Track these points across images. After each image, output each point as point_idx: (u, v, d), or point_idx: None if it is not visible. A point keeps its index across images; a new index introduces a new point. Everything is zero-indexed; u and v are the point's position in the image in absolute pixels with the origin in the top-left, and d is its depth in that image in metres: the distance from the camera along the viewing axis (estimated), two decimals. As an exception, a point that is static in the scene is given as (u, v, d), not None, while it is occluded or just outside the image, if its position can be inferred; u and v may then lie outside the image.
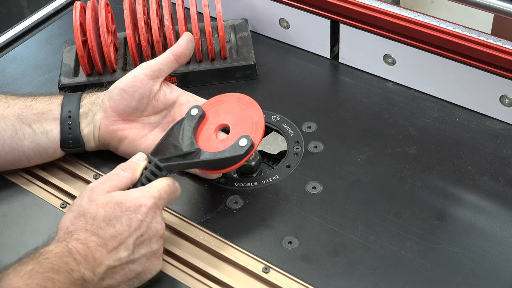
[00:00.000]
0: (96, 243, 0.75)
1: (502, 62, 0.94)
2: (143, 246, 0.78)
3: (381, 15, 1.02)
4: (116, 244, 0.76)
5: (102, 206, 0.77)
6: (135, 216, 0.77)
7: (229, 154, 0.84)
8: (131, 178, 0.82)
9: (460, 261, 0.82)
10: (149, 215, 0.78)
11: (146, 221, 0.78)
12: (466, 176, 0.91)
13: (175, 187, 0.83)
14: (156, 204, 0.79)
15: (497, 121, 0.99)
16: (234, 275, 0.83)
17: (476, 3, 0.95)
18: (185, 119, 0.88)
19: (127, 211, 0.77)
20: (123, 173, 0.81)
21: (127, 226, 0.77)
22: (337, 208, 0.88)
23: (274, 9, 1.13)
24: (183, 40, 0.93)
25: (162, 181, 0.82)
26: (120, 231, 0.77)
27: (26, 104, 0.91)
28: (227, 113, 0.90)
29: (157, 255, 0.80)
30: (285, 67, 1.11)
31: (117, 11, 1.18)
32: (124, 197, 0.78)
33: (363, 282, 0.80)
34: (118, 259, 0.76)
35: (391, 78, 1.07)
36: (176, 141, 0.86)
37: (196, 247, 0.86)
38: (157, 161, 0.83)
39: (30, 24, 1.22)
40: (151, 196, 0.79)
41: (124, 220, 0.77)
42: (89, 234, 0.76)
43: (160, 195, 0.80)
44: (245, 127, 0.88)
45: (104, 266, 0.75)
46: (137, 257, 0.78)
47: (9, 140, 0.89)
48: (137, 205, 0.78)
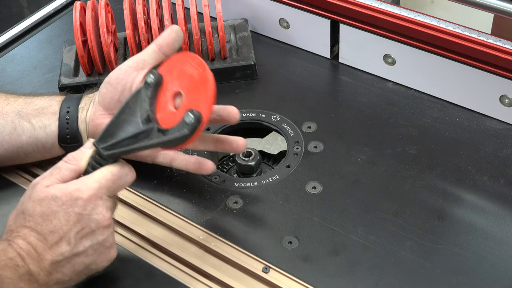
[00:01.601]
0: (36, 239, 0.74)
1: (502, 62, 0.94)
2: (86, 238, 0.76)
3: (381, 15, 1.02)
4: (56, 239, 0.75)
5: (39, 202, 0.76)
6: (72, 209, 0.75)
7: (178, 133, 0.75)
8: (74, 170, 0.78)
9: (460, 261, 0.82)
10: (87, 207, 0.76)
11: (84, 214, 0.76)
12: (466, 176, 0.91)
13: (121, 173, 0.79)
14: (96, 195, 0.76)
15: (497, 121, 0.99)
16: (234, 275, 0.83)
17: (476, 3, 0.95)
18: (142, 89, 0.80)
19: (63, 205, 0.75)
20: (65, 165, 0.78)
21: (65, 220, 0.75)
22: (337, 208, 0.88)
23: (274, 9, 1.13)
24: (166, 31, 0.90)
25: (105, 169, 0.78)
26: (58, 226, 0.75)
27: (27, 101, 0.92)
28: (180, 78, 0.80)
29: (106, 245, 0.78)
30: (285, 67, 1.11)
31: (117, 11, 1.18)
32: (60, 191, 0.76)
33: (363, 282, 0.80)
34: (61, 253, 0.75)
35: (391, 78, 1.07)
36: (132, 116, 0.78)
37: (196, 247, 0.86)
38: (100, 148, 0.78)
39: (30, 24, 1.22)
40: (89, 187, 0.76)
41: (62, 215, 0.75)
42: (28, 230, 0.75)
43: (100, 185, 0.77)
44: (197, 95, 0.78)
45: (48, 261, 0.74)
46: (82, 250, 0.76)
47: (8, 137, 0.90)
48: (73, 198, 0.76)
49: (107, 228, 0.78)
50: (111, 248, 0.79)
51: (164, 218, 0.88)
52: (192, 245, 0.86)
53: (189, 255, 0.84)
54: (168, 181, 0.93)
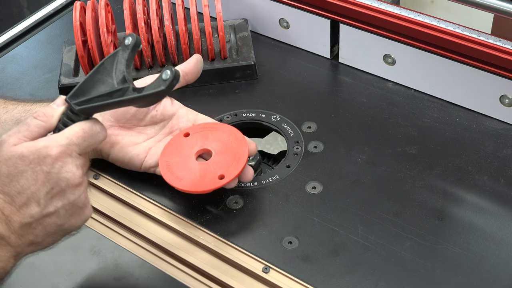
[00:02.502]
0: (4, 200, 0.72)
1: (502, 62, 0.94)
2: (57, 198, 0.73)
3: (381, 15, 1.02)
4: (24, 199, 0.72)
5: (5, 161, 0.72)
6: (40, 168, 0.72)
7: (153, 89, 0.74)
8: (44, 126, 0.75)
9: (460, 261, 0.82)
10: (55, 165, 0.73)
11: (53, 172, 0.73)
12: (466, 176, 0.91)
13: (93, 131, 0.76)
14: (65, 152, 0.73)
15: (497, 121, 0.99)
16: (234, 275, 0.83)
17: (476, 3, 0.95)
18: (120, 51, 0.78)
19: (31, 164, 0.72)
20: (34, 121, 0.75)
21: (33, 180, 0.72)
22: (337, 208, 0.88)
23: (274, 9, 1.13)
24: (193, 60, 0.92)
25: (76, 126, 0.75)
26: (26, 186, 0.72)
27: (26, 108, 0.91)
28: (215, 140, 0.90)
29: (78, 205, 0.75)
30: (285, 67, 1.11)
31: (117, 11, 1.18)
32: (27, 149, 0.72)
33: (363, 282, 0.80)
34: (30, 215, 0.72)
35: (391, 78, 1.07)
36: (107, 77, 0.76)
37: (196, 247, 0.86)
38: (72, 104, 0.75)
39: (30, 24, 1.22)
40: (58, 144, 0.73)
41: (29, 174, 0.72)
42: None
43: (69, 141, 0.74)
44: (226, 158, 0.87)
45: (17, 223, 0.72)
46: (53, 211, 0.73)
47: None
48: (42, 156, 0.72)
49: (78, 187, 0.75)
50: (84, 208, 0.76)
51: (164, 218, 0.88)
52: (192, 245, 0.86)
53: (189, 255, 0.84)
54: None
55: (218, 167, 0.87)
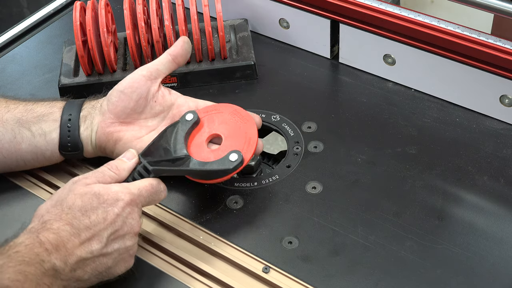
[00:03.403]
0: (69, 233, 0.75)
1: (502, 62, 0.94)
2: (117, 241, 0.78)
3: (381, 15, 1.02)
4: (89, 235, 0.76)
5: (80, 196, 0.77)
6: (111, 209, 0.77)
7: (218, 167, 0.84)
8: (116, 178, 0.82)
9: (460, 261, 0.82)
10: (126, 210, 0.78)
11: (122, 215, 0.78)
12: (466, 176, 0.91)
13: (158, 188, 0.82)
14: (134, 201, 0.79)
15: (497, 121, 0.99)
16: (234, 275, 0.83)
17: (476, 3, 0.95)
18: (179, 123, 0.88)
19: (104, 203, 0.77)
20: (108, 172, 0.81)
21: (103, 218, 0.76)
22: (337, 208, 0.88)
23: (274, 9, 1.13)
24: (179, 42, 0.94)
25: (145, 180, 0.82)
26: (95, 222, 0.76)
27: (27, 108, 0.91)
28: (222, 123, 0.90)
29: (130, 253, 0.79)
30: (285, 67, 1.11)
31: (117, 11, 1.18)
32: (103, 190, 0.78)
33: (363, 282, 0.80)
34: (90, 251, 0.76)
35: (391, 78, 1.07)
36: (167, 145, 0.86)
37: (196, 247, 0.86)
38: (146, 163, 0.83)
39: (30, 24, 1.22)
40: (130, 192, 0.79)
41: (100, 212, 0.77)
42: (62, 223, 0.75)
43: (140, 192, 0.80)
44: (237, 141, 0.88)
45: (76, 256, 0.74)
46: (110, 252, 0.77)
47: (7, 145, 0.89)
48: (115, 198, 0.78)
49: (135, 236, 0.80)
50: (132, 257, 0.80)
51: (164, 218, 0.88)
52: (192, 245, 0.86)
53: (189, 255, 0.84)
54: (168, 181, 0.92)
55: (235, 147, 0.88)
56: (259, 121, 0.93)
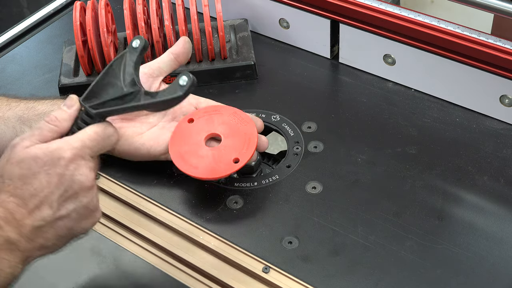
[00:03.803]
0: (15, 204, 0.71)
1: (502, 62, 0.94)
2: (70, 201, 0.73)
3: (381, 15, 1.02)
4: (37, 202, 0.71)
5: (17, 163, 0.72)
6: (53, 170, 0.72)
7: (169, 95, 0.74)
8: (57, 131, 0.75)
9: (460, 261, 0.82)
10: (70, 167, 0.72)
11: (67, 174, 0.72)
12: (466, 176, 0.91)
13: (106, 133, 0.76)
14: (78, 155, 0.73)
15: (497, 121, 0.99)
16: (234, 275, 0.83)
17: (476, 3, 0.95)
18: (127, 53, 0.78)
19: (44, 166, 0.71)
20: (47, 126, 0.75)
21: (47, 182, 0.71)
22: (337, 208, 0.88)
23: (274, 9, 1.13)
24: (180, 41, 0.95)
25: (89, 129, 0.75)
26: (39, 188, 0.71)
27: (28, 106, 0.91)
28: (221, 124, 0.90)
29: (90, 208, 0.74)
30: (285, 67, 1.11)
31: (117, 11, 1.18)
32: (40, 151, 0.72)
33: (363, 282, 0.80)
34: (42, 218, 0.71)
35: (391, 78, 1.07)
36: (116, 79, 0.76)
37: (196, 247, 0.86)
38: (88, 107, 0.75)
39: (30, 24, 1.22)
40: (72, 146, 0.73)
41: (42, 177, 0.71)
42: (7, 195, 0.71)
43: (83, 144, 0.74)
44: (237, 141, 0.88)
45: (28, 226, 0.71)
46: (65, 214, 0.73)
47: (9, 142, 0.89)
48: (55, 158, 0.72)
49: (90, 190, 0.74)
50: (95, 211, 0.76)
51: (164, 218, 0.88)
52: (192, 245, 0.86)
53: (189, 255, 0.84)
54: (168, 181, 0.93)
55: (231, 151, 0.88)
56: (260, 125, 0.92)
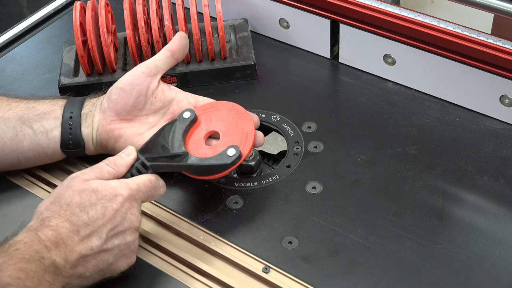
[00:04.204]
0: (68, 230, 0.75)
1: (502, 62, 0.94)
2: (117, 237, 0.78)
3: (381, 15, 1.02)
4: (88, 232, 0.76)
5: (78, 192, 0.77)
6: (110, 205, 0.77)
7: (216, 162, 0.84)
8: (114, 174, 0.81)
9: (460, 261, 0.82)
10: (125, 205, 0.78)
11: (121, 211, 0.78)
12: (466, 176, 0.91)
13: (157, 184, 0.82)
14: (133, 196, 0.79)
15: (497, 121, 0.99)
16: (234, 275, 0.83)
17: (476, 3, 0.95)
18: (177, 121, 0.88)
19: (102, 199, 0.77)
20: (106, 167, 0.81)
21: (102, 214, 0.76)
22: (337, 208, 0.88)
23: (274, 9, 1.13)
24: (176, 37, 0.94)
25: (144, 176, 0.81)
26: (93, 218, 0.76)
27: (28, 106, 0.91)
28: (219, 120, 0.90)
29: (131, 248, 0.79)
30: (285, 67, 1.11)
31: (117, 11, 1.18)
32: (101, 185, 0.78)
33: (363, 282, 0.80)
34: (90, 247, 0.76)
35: (391, 78, 1.07)
36: (165, 142, 0.86)
37: (196, 247, 0.86)
38: (144, 159, 0.83)
39: (30, 24, 1.22)
40: (129, 187, 0.79)
41: (99, 208, 0.77)
42: (61, 220, 0.75)
43: (138, 187, 0.80)
44: (235, 137, 0.88)
45: (76, 253, 0.74)
46: (110, 248, 0.77)
47: (9, 142, 0.89)
48: (113, 194, 0.78)
49: (136, 231, 0.80)
50: (134, 252, 0.80)
51: (164, 218, 0.88)
52: (192, 245, 0.86)
53: (189, 255, 0.84)
54: (168, 181, 0.92)
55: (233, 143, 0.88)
56: (257, 120, 0.93)
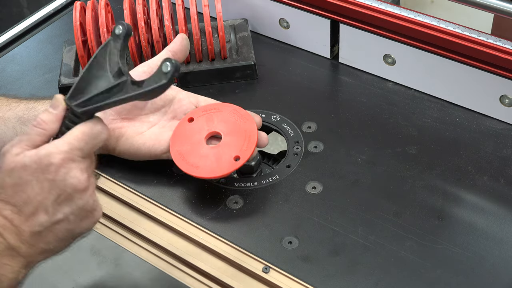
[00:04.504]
0: (11, 211, 0.72)
1: (502, 62, 0.94)
2: (65, 204, 0.73)
3: (381, 15, 1.02)
4: (32, 209, 0.72)
5: (8, 172, 0.72)
6: (44, 177, 0.72)
7: (154, 83, 0.72)
8: (45, 134, 0.74)
9: (460, 261, 0.82)
10: (60, 172, 0.72)
11: (58, 179, 0.72)
12: (466, 176, 0.91)
13: (94, 132, 0.74)
14: (68, 158, 0.72)
15: (497, 121, 0.99)
16: (234, 275, 0.83)
17: (476, 3, 0.95)
18: (110, 41, 0.76)
19: (34, 173, 0.71)
20: (35, 130, 0.74)
21: (39, 189, 0.71)
22: (337, 208, 0.88)
23: (274, 9, 1.13)
24: (178, 38, 0.95)
25: (76, 129, 0.74)
26: (32, 195, 0.71)
27: (28, 106, 0.91)
28: (221, 122, 0.90)
29: (87, 209, 0.74)
30: (285, 67, 1.11)
31: (117, 11, 1.18)
32: (29, 159, 0.72)
33: (363, 282, 0.80)
34: (39, 224, 0.72)
35: (391, 78, 1.07)
36: (102, 71, 0.74)
37: (196, 247, 0.86)
38: (74, 106, 0.73)
39: (30, 24, 1.22)
40: (60, 151, 0.72)
41: (34, 184, 0.71)
42: (2, 204, 0.72)
43: (71, 146, 0.73)
44: (237, 139, 0.88)
45: (27, 232, 0.71)
46: (62, 217, 0.73)
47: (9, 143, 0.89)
48: (45, 164, 0.72)
49: (85, 191, 0.74)
50: (93, 211, 0.76)
51: (164, 218, 0.88)
52: (192, 245, 0.86)
53: (189, 255, 0.84)
54: (168, 181, 0.93)
55: (231, 149, 0.88)
56: (259, 121, 0.93)
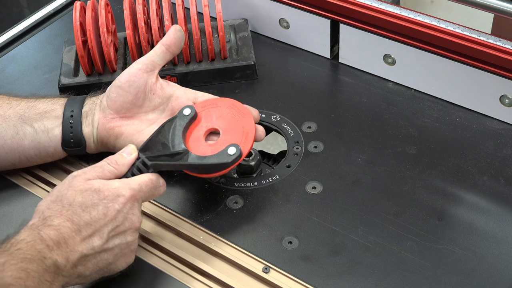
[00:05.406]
0: (70, 229, 0.75)
1: (502, 62, 0.94)
2: (118, 237, 0.78)
3: (381, 15, 1.02)
4: (90, 232, 0.76)
5: (80, 192, 0.77)
6: (112, 205, 0.77)
7: (216, 160, 0.84)
8: (115, 173, 0.81)
9: (460, 261, 0.82)
10: (126, 206, 0.78)
11: (123, 211, 0.78)
12: (466, 176, 0.91)
13: (157, 183, 0.82)
14: (135, 196, 0.79)
15: (497, 121, 0.99)
16: (234, 275, 0.83)
17: (476, 3, 0.95)
18: (177, 118, 0.88)
19: (104, 199, 0.77)
20: (107, 167, 0.81)
21: (103, 214, 0.77)
22: (337, 208, 0.88)
23: (274, 9, 1.13)
24: (171, 30, 0.95)
25: (145, 176, 0.82)
26: (95, 218, 0.76)
27: (29, 104, 0.92)
28: (219, 118, 0.90)
29: (131, 248, 0.80)
30: (285, 67, 1.11)
31: (117, 11, 1.18)
32: (103, 186, 0.78)
33: (363, 282, 0.80)
34: (92, 247, 0.76)
35: (391, 78, 1.07)
36: (165, 140, 0.86)
37: (196, 247, 0.86)
38: (145, 158, 0.83)
39: (30, 24, 1.22)
40: (131, 187, 0.79)
41: (101, 208, 0.77)
42: (63, 219, 0.75)
43: (140, 188, 0.80)
44: (235, 135, 0.88)
45: (77, 253, 0.75)
46: (111, 247, 0.78)
47: (10, 141, 0.90)
48: (116, 194, 0.78)
49: (136, 231, 0.80)
50: (133, 252, 0.81)
51: (164, 218, 0.88)
52: (192, 245, 0.86)
53: (189, 255, 0.84)
54: (168, 181, 0.92)
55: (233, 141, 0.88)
56: (256, 115, 0.93)
